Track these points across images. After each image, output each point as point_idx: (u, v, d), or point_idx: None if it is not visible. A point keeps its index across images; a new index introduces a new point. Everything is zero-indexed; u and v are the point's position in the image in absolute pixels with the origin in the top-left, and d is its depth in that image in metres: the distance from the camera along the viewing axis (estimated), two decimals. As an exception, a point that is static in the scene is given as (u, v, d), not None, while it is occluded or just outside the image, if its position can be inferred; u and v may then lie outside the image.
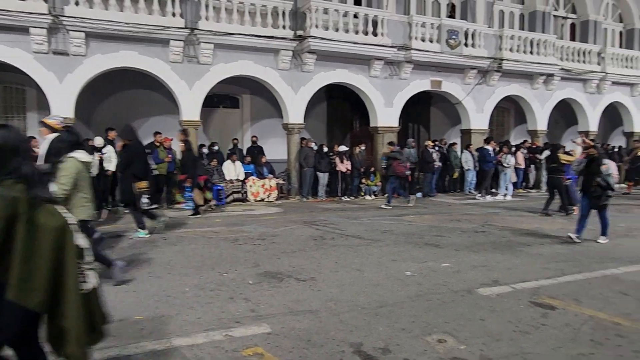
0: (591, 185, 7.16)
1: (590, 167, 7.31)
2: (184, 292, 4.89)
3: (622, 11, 20.00)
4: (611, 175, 7.19)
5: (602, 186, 7.06)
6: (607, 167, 7.19)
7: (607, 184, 7.07)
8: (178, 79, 11.79)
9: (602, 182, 7.05)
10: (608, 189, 7.09)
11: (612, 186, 7.12)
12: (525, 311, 4.35)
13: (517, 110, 18.64)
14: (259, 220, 9.67)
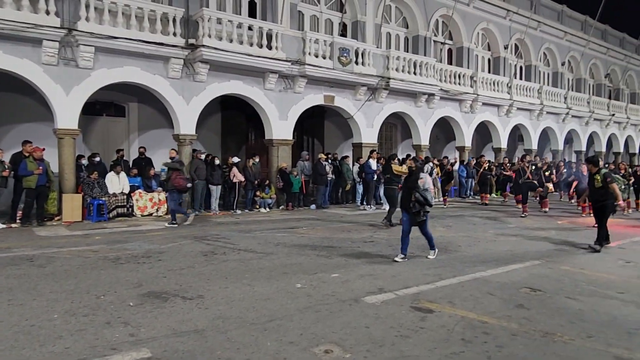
0: (410, 200, 6.95)
1: (408, 182, 7.18)
2: (51, 319, 4.38)
3: (489, 41, 22.55)
4: (428, 190, 6.98)
5: (420, 202, 6.86)
6: (424, 182, 6.99)
7: (425, 199, 6.87)
8: (52, 83, 10.72)
9: (419, 198, 6.85)
10: (426, 205, 6.89)
11: (430, 201, 6.93)
12: (407, 316, 4.59)
13: (403, 126, 19.96)
14: (145, 236, 9.08)
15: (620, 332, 4.28)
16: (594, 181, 8.35)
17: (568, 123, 24.93)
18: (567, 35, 25.67)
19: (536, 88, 22.71)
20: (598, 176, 8.26)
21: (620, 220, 11.73)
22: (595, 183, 8.32)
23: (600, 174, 8.25)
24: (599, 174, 8.28)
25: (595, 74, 29.30)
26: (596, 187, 8.30)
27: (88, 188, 11.21)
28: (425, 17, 19.03)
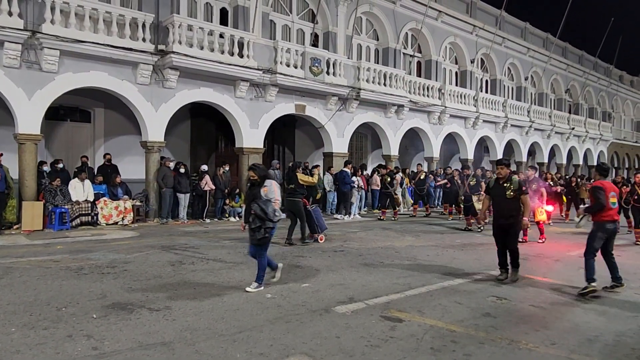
0: (249, 214, 5.68)
1: (251, 191, 5.94)
2: (8, 333, 4.18)
3: (456, 55, 23.19)
4: (272, 201, 5.73)
5: (259, 215, 5.57)
6: (267, 191, 5.76)
7: (264, 212, 5.57)
8: (14, 86, 10.34)
9: (258, 211, 5.57)
10: (266, 219, 5.59)
11: (271, 215, 5.60)
12: (377, 325, 4.61)
13: (373, 136, 20.20)
14: (110, 245, 8.82)
15: (581, 339, 4.43)
16: (504, 190, 6.56)
17: (531, 136, 25.82)
18: (530, 52, 26.68)
19: (501, 101, 23.45)
20: (510, 184, 6.55)
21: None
22: (505, 193, 6.54)
23: (513, 181, 6.55)
24: (511, 182, 6.56)
25: (556, 89, 30.52)
26: (507, 198, 6.50)
27: (50, 195, 10.82)
28: (395, 30, 19.41)
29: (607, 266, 6.21)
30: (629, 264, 8.12)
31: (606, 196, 6.03)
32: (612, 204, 6.08)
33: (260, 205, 5.64)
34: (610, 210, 6.07)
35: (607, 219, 6.06)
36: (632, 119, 40.75)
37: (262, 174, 5.91)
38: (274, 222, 5.69)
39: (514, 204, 6.50)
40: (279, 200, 5.84)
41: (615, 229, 6.15)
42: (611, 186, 6.25)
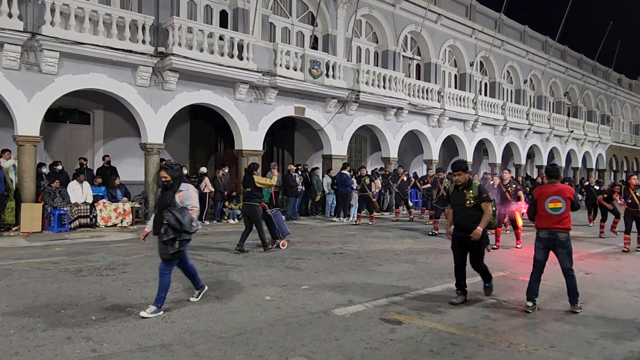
0: (161, 224, 4.84)
1: (163, 197, 5.02)
2: (7, 335, 4.18)
3: (456, 57, 23.24)
4: (188, 208, 4.92)
5: (174, 226, 4.76)
6: (183, 196, 4.93)
7: (179, 222, 4.76)
8: (13, 88, 10.34)
9: (172, 221, 4.76)
10: (182, 231, 4.80)
11: (186, 226, 4.81)
12: (376, 328, 4.60)
13: (372, 138, 20.22)
14: (109, 247, 8.81)
15: (580, 341, 4.43)
16: (463, 198, 5.53)
17: (530, 138, 25.86)
18: (529, 55, 26.74)
19: (500, 104, 23.49)
20: (470, 191, 5.52)
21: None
22: (465, 201, 5.51)
23: (473, 187, 5.54)
24: (471, 188, 5.54)
25: (555, 92, 30.58)
26: (468, 207, 5.50)
27: (49, 197, 10.81)
28: (394, 33, 19.45)
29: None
30: (628, 267, 8.14)
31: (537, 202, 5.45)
32: (550, 210, 5.32)
33: (175, 214, 4.81)
34: (544, 218, 5.37)
35: (538, 226, 5.46)
36: (631, 122, 40.84)
37: (176, 175, 5.00)
38: (190, 234, 4.94)
39: (476, 214, 5.45)
40: (197, 207, 5.04)
41: (549, 238, 5.33)
42: (555, 190, 5.40)
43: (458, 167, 5.57)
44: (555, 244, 5.33)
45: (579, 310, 5.27)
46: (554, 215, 5.32)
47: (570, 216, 5.38)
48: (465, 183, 5.58)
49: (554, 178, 5.61)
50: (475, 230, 5.36)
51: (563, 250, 5.32)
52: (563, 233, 5.30)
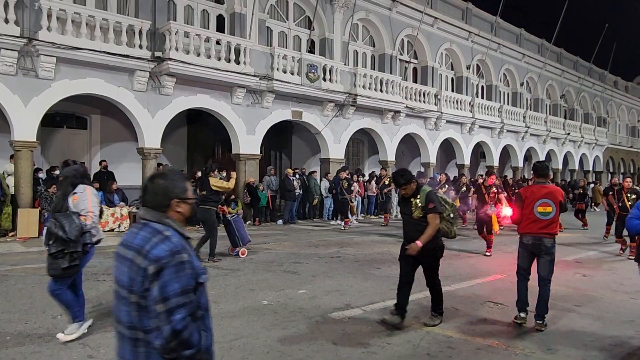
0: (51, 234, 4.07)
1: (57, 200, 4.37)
2: (3, 342, 4.17)
3: (452, 61, 23.32)
4: (82, 213, 4.18)
5: (59, 237, 4.01)
6: (77, 199, 4.20)
7: (64, 231, 4.00)
8: (10, 93, 10.33)
9: (54, 229, 4.03)
10: (71, 242, 4.03)
11: (73, 235, 4.03)
12: (373, 332, 4.60)
13: (370, 142, 20.25)
14: (106, 252, 8.76)
15: (577, 344, 4.43)
16: (410, 208, 4.82)
17: (527, 141, 25.93)
18: (526, 57, 26.86)
19: (497, 107, 23.56)
20: (417, 200, 4.77)
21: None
22: (412, 210, 4.80)
23: (421, 195, 4.75)
24: (419, 196, 4.77)
25: (551, 94, 30.70)
26: (414, 217, 4.79)
27: (46, 202, 10.77)
28: (391, 37, 19.52)
29: None
30: (625, 268, 8.16)
31: (525, 204, 4.94)
32: (539, 215, 4.84)
33: (60, 220, 3.98)
34: (529, 221, 4.89)
35: (522, 231, 4.99)
36: (627, 124, 41.02)
37: (69, 174, 4.27)
38: (89, 245, 4.19)
39: (422, 226, 4.71)
40: (92, 213, 4.20)
41: (534, 244, 4.88)
42: (545, 192, 4.89)
43: (402, 183, 4.75)
44: (540, 250, 4.89)
45: (543, 329, 4.76)
46: (542, 220, 4.84)
47: (558, 221, 4.97)
48: (412, 192, 4.82)
49: (542, 177, 5.07)
50: (411, 245, 4.62)
51: (547, 257, 4.88)
52: (549, 239, 4.86)
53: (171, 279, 1.74)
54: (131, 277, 1.78)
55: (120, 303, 1.83)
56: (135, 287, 1.77)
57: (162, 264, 1.74)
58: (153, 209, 1.92)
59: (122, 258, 1.86)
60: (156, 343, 1.73)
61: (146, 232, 1.85)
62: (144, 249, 1.79)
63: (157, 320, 1.72)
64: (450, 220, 5.11)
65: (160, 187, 1.93)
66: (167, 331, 1.71)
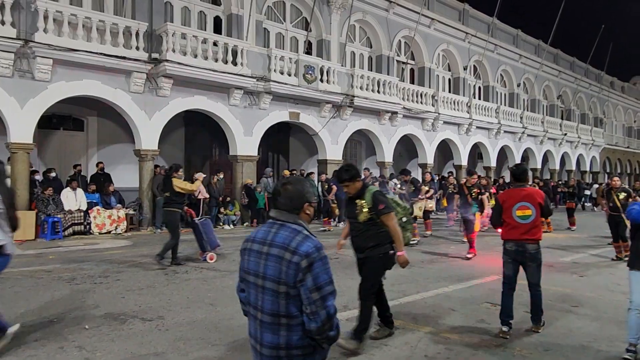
0: None
1: None
2: None
3: (449, 62, 23.36)
4: None
5: None
6: None
7: None
8: (6, 95, 10.30)
9: None
10: None
11: None
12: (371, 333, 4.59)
13: (367, 143, 20.26)
14: (102, 255, 8.75)
15: (575, 345, 4.43)
16: (355, 210, 4.26)
17: (524, 142, 26.00)
18: (522, 58, 26.93)
19: (494, 108, 23.62)
20: (363, 201, 4.19)
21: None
22: (357, 213, 4.23)
23: (367, 195, 4.19)
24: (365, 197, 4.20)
25: (548, 95, 30.79)
26: (360, 221, 4.23)
27: (42, 205, 10.75)
28: (388, 38, 19.54)
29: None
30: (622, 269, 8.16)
31: (504, 208, 4.74)
32: (518, 219, 4.64)
33: None
34: (510, 227, 4.71)
35: (504, 237, 4.82)
36: (624, 124, 41.17)
37: None
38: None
39: (371, 230, 4.20)
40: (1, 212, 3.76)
41: (517, 250, 4.68)
42: (523, 195, 4.70)
43: (345, 178, 4.17)
44: (524, 257, 4.67)
45: (540, 330, 4.72)
46: (522, 225, 4.63)
47: (540, 225, 4.75)
48: (357, 192, 4.26)
49: (520, 181, 4.85)
50: (399, 259, 4.22)
51: (533, 264, 4.68)
52: (532, 244, 4.64)
53: (321, 271, 2.00)
54: (281, 270, 2.00)
55: (264, 293, 2.05)
56: (287, 279, 1.99)
57: (312, 259, 1.99)
58: (287, 211, 2.15)
59: (261, 253, 2.09)
60: (312, 326, 1.98)
61: (287, 232, 2.08)
62: (291, 246, 2.01)
63: (313, 307, 1.97)
64: (402, 225, 4.37)
65: (295, 192, 2.17)
66: (323, 315, 1.97)
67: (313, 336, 2.00)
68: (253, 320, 2.12)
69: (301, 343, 2.03)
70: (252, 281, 2.10)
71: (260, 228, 2.19)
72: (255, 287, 2.09)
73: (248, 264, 2.14)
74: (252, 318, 2.12)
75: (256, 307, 2.08)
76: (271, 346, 2.04)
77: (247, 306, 2.17)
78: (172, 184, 7.82)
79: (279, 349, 2.03)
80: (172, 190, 7.79)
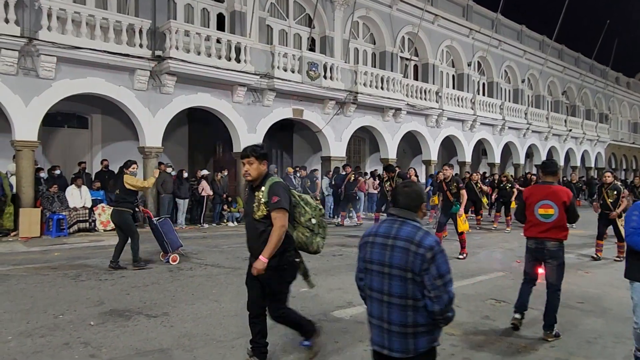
0: None
1: None
2: (5, 342, 4.16)
3: (453, 58, 23.25)
4: None
5: None
6: None
7: None
8: (10, 93, 10.33)
9: None
10: None
11: None
12: None
13: (371, 139, 20.22)
14: (107, 252, 8.75)
15: (580, 341, 4.42)
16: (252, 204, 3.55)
17: (528, 138, 25.87)
18: (527, 54, 26.78)
19: (498, 104, 23.51)
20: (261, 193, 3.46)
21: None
22: (254, 208, 3.50)
23: (269, 182, 3.50)
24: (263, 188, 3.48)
25: (553, 91, 30.61)
26: (256, 217, 3.48)
27: (47, 202, 10.79)
28: (391, 34, 19.47)
29: None
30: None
31: (526, 205, 4.66)
32: (540, 217, 4.51)
33: None
34: (531, 224, 4.61)
35: (526, 234, 4.72)
36: (629, 120, 40.90)
37: None
38: None
39: (265, 230, 3.44)
40: None
41: (537, 248, 4.57)
42: (547, 192, 4.54)
43: (248, 155, 3.48)
44: (544, 255, 4.54)
45: (551, 339, 4.41)
46: (543, 223, 4.49)
47: (565, 225, 4.53)
48: (258, 179, 3.53)
49: (550, 175, 4.69)
50: (255, 263, 3.41)
51: (553, 262, 4.51)
52: (553, 242, 4.48)
53: (442, 261, 2.31)
54: (407, 260, 2.32)
55: (391, 279, 2.36)
56: (413, 267, 2.30)
57: (435, 251, 2.30)
58: (407, 209, 2.45)
59: (385, 245, 2.39)
60: (435, 308, 2.28)
61: (409, 227, 2.39)
62: (415, 240, 2.32)
63: (437, 292, 2.27)
64: (311, 228, 3.66)
65: (415, 193, 2.47)
66: (446, 299, 2.28)
67: (435, 317, 2.31)
68: (378, 303, 2.43)
69: (424, 321, 2.34)
70: (376, 269, 2.42)
71: (381, 224, 2.49)
72: (381, 274, 2.40)
73: (371, 255, 2.46)
74: (377, 301, 2.43)
75: (382, 292, 2.40)
76: (400, 324, 2.35)
77: (370, 291, 2.49)
78: (123, 181, 7.22)
79: (407, 327, 2.34)
80: (123, 188, 7.20)
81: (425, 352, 2.39)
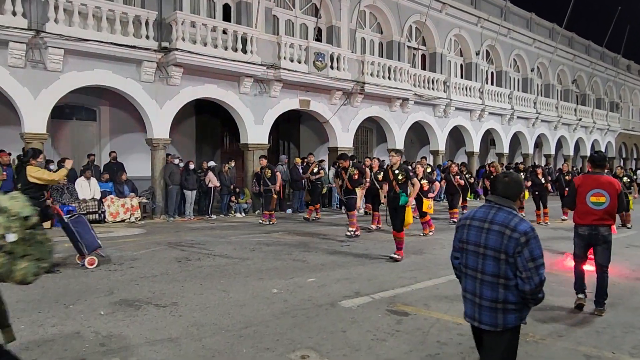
0: None
1: None
2: (17, 330, 4.16)
3: (461, 47, 23.01)
4: None
5: None
6: None
7: None
8: (19, 85, 10.39)
9: None
10: None
11: None
12: (383, 319, 4.60)
13: (378, 130, 20.13)
14: (117, 243, 8.87)
15: (589, 331, 4.40)
16: None
17: (538, 127, 25.62)
18: (536, 42, 26.41)
19: (507, 93, 23.27)
20: None
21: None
22: None
23: None
24: None
25: (562, 79, 30.22)
26: None
27: (57, 194, 10.90)
28: (399, 23, 19.28)
29: None
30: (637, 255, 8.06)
31: (578, 193, 5.04)
32: (592, 205, 4.92)
33: None
34: (585, 213, 4.98)
35: (578, 221, 5.10)
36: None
37: None
38: None
39: None
40: None
41: (590, 234, 4.98)
42: (600, 182, 4.95)
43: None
44: (597, 239, 4.97)
45: (603, 314, 4.87)
46: (595, 211, 4.89)
47: (615, 213, 4.97)
48: None
49: (599, 168, 5.07)
50: None
51: (604, 245, 4.96)
52: (605, 227, 4.93)
53: (535, 246, 2.52)
54: (502, 243, 2.55)
55: (484, 259, 2.61)
56: (508, 250, 2.53)
57: (529, 236, 2.51)
58: (505, 197, 2.69)
59: (482, 229, 2.65)
60: (526, 288, 2.50)
61: (505, 213, 2.62)
62: (510, 225, 2.56)
63: (528, 273, 2.49)
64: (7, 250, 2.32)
65: (515, 183, 2.70)
66: (537, 280, 2.49)
67: (525, 296, 2.52)
68: (472, 280, 2.69)
69: (515, 300, 2.56)
70: (471, 249, 2.68)
71: (479, 209, 2.73)
72: (476, 254, 2.66)
73: (468, 236, 2.71)
74: (471, 278, 2.69)
75: (476, 270, 2.65)
76: (491, 300, 2.58)
77: (465, 269, 2.75)
78: (25, 173, 6.26)
79: (497, 303, 2.57)
80: (26, 181, 6.21)
81: (511, 328, 2.60)
